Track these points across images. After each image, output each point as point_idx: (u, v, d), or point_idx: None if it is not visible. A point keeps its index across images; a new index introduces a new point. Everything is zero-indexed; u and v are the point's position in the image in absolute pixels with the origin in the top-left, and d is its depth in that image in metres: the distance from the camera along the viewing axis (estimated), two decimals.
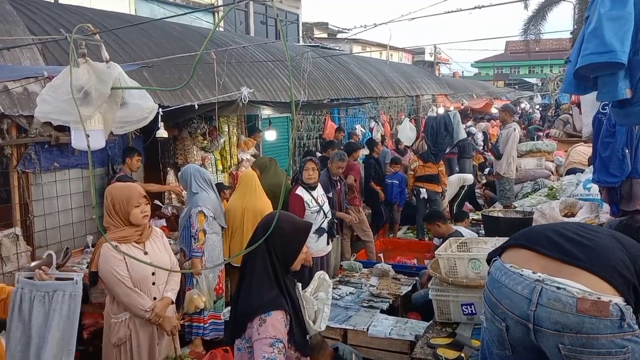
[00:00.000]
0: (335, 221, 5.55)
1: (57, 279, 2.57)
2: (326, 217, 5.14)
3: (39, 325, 2.47)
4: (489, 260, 2.18)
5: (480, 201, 9.59)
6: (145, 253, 3.07)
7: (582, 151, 7.53)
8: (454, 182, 8.61)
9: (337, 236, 5.77)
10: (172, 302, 3.22)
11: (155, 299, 3.09)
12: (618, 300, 1.76)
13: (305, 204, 4.96)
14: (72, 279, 2.53)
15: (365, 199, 8.31)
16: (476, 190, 9.85)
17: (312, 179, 5.06)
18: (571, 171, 6.87)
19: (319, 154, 8.42)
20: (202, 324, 4.55)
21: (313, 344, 3.04)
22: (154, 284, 3.10)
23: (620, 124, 3.16)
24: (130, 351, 3.05)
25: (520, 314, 1.88)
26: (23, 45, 4.94)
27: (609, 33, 2.12)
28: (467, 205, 9.04)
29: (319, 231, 5.04)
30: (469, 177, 8.98)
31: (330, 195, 5.64)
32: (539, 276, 1.87)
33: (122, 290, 2.95)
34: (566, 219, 4.27)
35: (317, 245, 5.02)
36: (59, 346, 2.45)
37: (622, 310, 1.73)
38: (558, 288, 1.80)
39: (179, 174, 4.91)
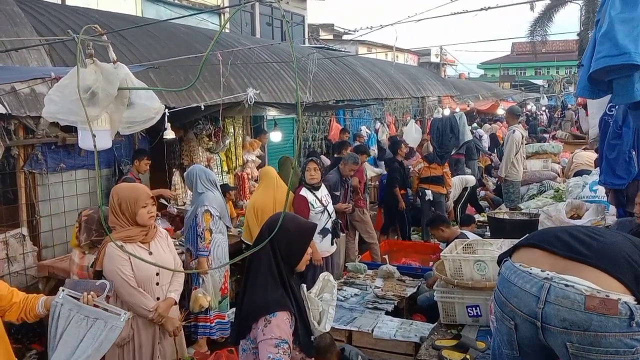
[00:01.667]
0: (340, 222, 5.55)
1: (102, 308, 2.52)
2: (330, 217, 5.14)
3: (67, 344, 2.42)
4: (499, 262, 2.18)
5: (484, 203, 9.55)
6: (150, 253, 3.09)
7: (586, 156, 7.53)
8: (457, 183, 8.55)
9: (342, 234, 5.78)
10: (176, 303, 3.23)
11: (158, 299, 3.10)
12: (628, 298, 1.73)
13: (310, 205, 4.97)
14: (120, 315, 2.49)
15: (385, 206, 8.02)
16: (481, 193, 9.81)
17: (315, 179, 5.06)
18: (579, 173, 6.85)
19: (324, 157, 8.41)
20: (208, 324, 4.56)
21: (322, 345, 3.06)
22: (157, 284, 3.11)
23: (639, 126, 3.14)
24: (133, 351, 3.06)
25: (529, 311, 1.88)
26: (30, 47, 4.97)
27: (621, 35, 2.10)
28: (469, 208, 8.99)
29: (323, 231, 5.05)
30: (471, 179, 8.92)
31: (338, 194, 5.67)
32: (548, 274, 1.86)
33: (126, 290, 2.97)
34: (572, 221, 4.25)
35: (321, 246, 5.02)
36: None
37: (631, 309, 1.70)
38: (566, 285, 1.79)
39: (185, 174, 4.93)
